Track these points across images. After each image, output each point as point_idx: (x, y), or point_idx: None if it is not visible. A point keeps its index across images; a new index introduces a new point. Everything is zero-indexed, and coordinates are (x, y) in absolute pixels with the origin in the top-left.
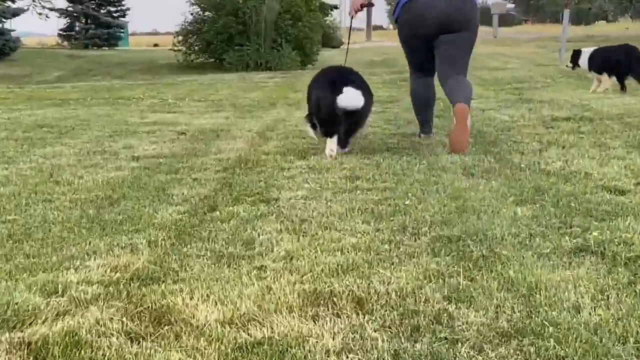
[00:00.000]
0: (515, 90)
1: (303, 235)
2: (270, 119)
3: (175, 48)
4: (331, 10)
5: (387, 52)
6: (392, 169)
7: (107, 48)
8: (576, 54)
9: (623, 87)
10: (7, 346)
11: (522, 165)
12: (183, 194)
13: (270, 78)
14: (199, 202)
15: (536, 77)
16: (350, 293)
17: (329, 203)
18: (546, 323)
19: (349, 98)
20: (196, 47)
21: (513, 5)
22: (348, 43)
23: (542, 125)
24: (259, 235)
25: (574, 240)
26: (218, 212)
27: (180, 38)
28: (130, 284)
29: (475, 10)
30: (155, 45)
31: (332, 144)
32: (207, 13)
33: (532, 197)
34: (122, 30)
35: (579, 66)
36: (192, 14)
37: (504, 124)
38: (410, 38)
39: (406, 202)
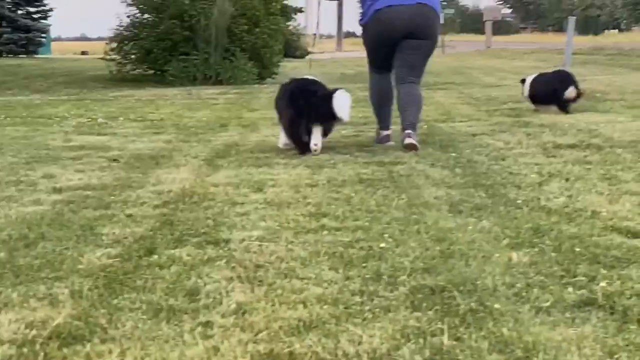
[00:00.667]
0: (511, 111)
1: (258, 285)
2: (220, 144)
3: (108, 57)
4: (295, 14)
5: (361, 64)
6: (366, 205)
7: (25, 56)
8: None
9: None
10: None
11: (519, 201)
12: (114, 233)
13: (222, 94)
14: (133, 244)
15: None
16: (314, 355)
17: (289, 245)
18: None
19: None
20: (133, 56)
21: (510, 11)
22: (314, 38)
23: (542, 154)
24: (205, 284)
25: (579, 292)
26: (156, 256)
27: (113, 45)
28: (48, 344)
29: (438, 21)
30: (84, 53)
31: (316, 138)
32: (146, 16)
33: (530, 240)
34: (43, 36)
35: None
36: (128, 16)
37: (498, 152)
38: (378, 43)
39: (381, 245)
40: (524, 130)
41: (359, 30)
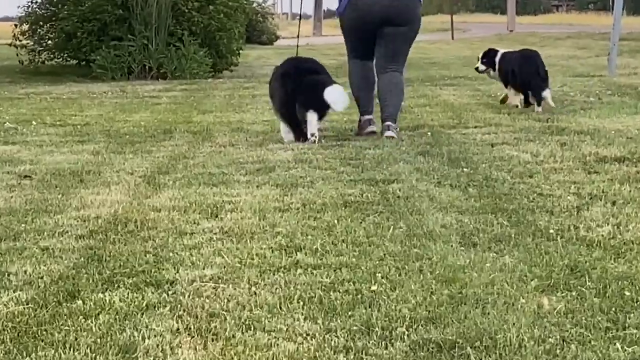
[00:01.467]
0: (541, 114)
1: (213, 340)
2: (163, 156)
3: (17, 42)
4: None
5: (343, 52)
6: (352, 236)
7: None
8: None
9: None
10: None
11: (551, 231)
12: (26, 272)
13: (165, 91)
14: (50, 286)
15: (573, 95)
16: None
17: (253, 288)
18: None
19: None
20: (49, 42)
21: None
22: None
23: (581, 169)
24: (143, 338)
25: (629, 350)
26: (80, 302)
27: (24, 27)
28: None
29: (418, 5)
30: None
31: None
32: None
33: (566, 281)
34: None
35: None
36: None
37: (524, 167)
38: (356, 31)
39: (373, 288)
40: (558, 138)
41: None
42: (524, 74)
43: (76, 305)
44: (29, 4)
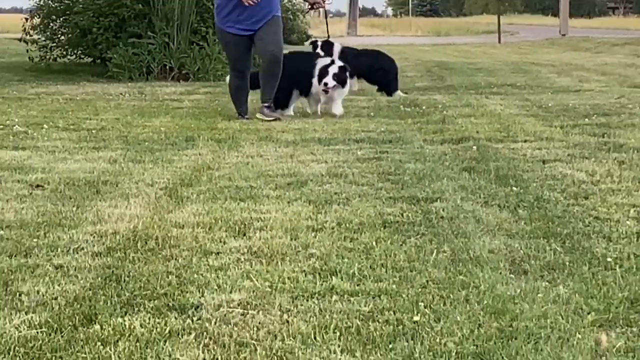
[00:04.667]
0: (597, 128)
1: None
2: (186, 166)
3: (28, 37)
4: None
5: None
6: (392, 260)
7: None
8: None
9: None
10: None
11: (609, 260)
12: (39, 292)
13: (187, 94)
14: (65, 308)
15: (632, 107)
16: None
17: (285, 316)
18: None
19: None
20: (62, 38)
21: None
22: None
23: None
24: None
25: None
26: (98, 327)
27: (36, 21)
28: None
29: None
30: None
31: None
32: None
33: (626, 316)
34: None
35: None
36: None
37: (579, 187)
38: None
39: (415, 319)
40: (616, 156)
41: (379, 7)
42: None
43: (93, 330)
44: None
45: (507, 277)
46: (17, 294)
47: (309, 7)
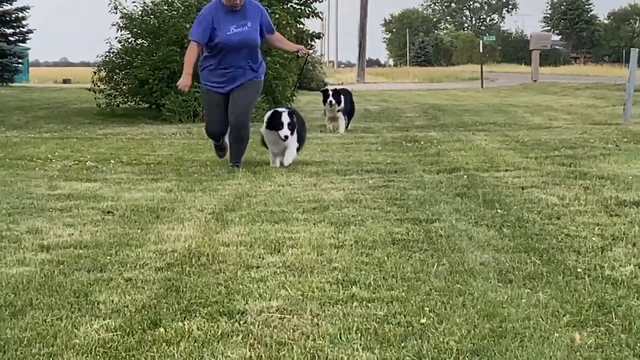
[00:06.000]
0: (565, 159)
1: None
2: (228, 194)
3: (96, 87)
4: (312, 40)
5: (386, 99)
6: (401, 271)
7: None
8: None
9: None
10: None
11: (579, 270)
12: (113, 301)
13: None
14: (135, 314)
15: (593, 141)
16: None
17: (315, 319)
18: None
19: None
20: (124, 87)
21: (559, 38)
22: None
23: (603, 212)
24: None
25: None
26: (162, 330)
27: (102, 74)
28: None
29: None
30: (66, 81)
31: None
32: (140, 41)
33: (595, 317)
34: (20, 61)
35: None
36: (120, 41)
37: (552, 209)
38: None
39: (422, 321)
40: (581, 182)
41: (383, 58)
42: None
43: (159, 332)
44: (107, 53)
45: (496, 285)
46: (95, 303)
47: (296, 54)
